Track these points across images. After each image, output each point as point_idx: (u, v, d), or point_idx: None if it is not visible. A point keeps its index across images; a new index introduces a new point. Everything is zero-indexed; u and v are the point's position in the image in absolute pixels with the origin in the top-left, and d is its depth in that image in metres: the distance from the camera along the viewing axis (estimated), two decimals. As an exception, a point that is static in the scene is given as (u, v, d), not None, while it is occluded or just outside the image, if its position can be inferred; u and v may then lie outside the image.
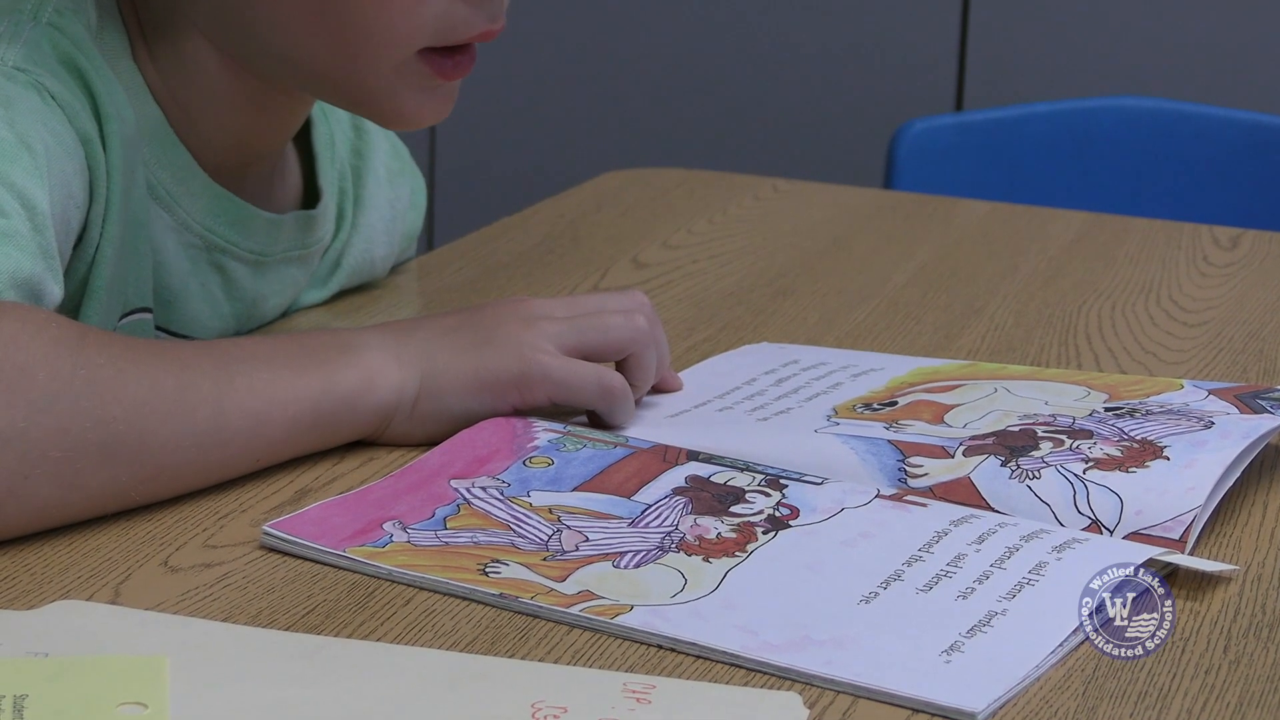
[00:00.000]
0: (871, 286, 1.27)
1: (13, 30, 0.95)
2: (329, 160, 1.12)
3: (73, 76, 0.96)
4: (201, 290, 1.05)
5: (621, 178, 1.56)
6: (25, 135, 0.90)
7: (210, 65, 1.01)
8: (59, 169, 0.92)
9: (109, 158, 0.96)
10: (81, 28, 0.98)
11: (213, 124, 1.02)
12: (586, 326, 0.95)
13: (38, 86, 0.93)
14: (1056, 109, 2.00)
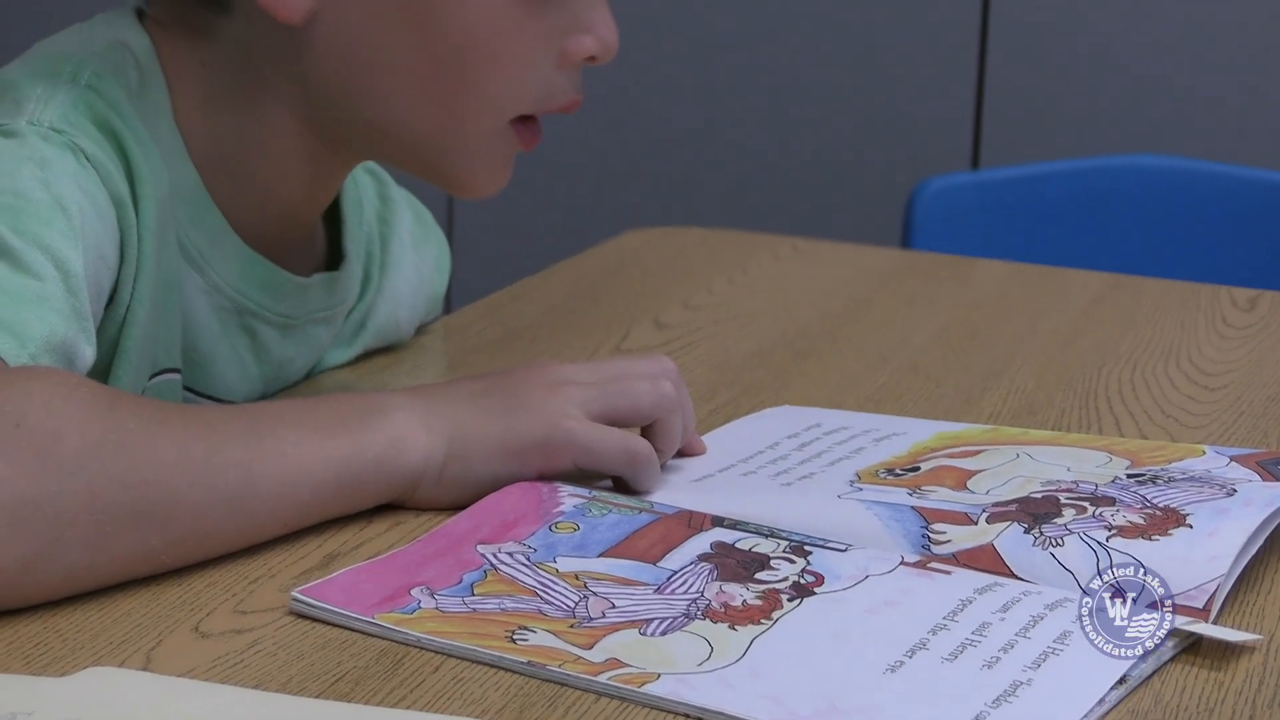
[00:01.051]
0: (892, 348, 1.28)
1: (51, 92, 0.97)
2: (357, 224, 1.13)
3: (108, 138, 0.97)
4: (231, 352, 1.06)
5: (641, 237, 1.57)
6: (60, 197, 0.92)
7: (282, 130, 1.02)
8: (92, 231, 0.93)
9: (141, 220, 0.97)
10: (120, 89, 0.99)
11: (262, 187, 1.04)
12: (613, 392, 0.96)
13: (73, 148, 0.95)
14: (1074, 167, 2.01)
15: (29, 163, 0.93)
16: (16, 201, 0.91)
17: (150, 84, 1.01)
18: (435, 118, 1.01)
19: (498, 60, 1.00)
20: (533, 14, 1.00)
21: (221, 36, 1.02)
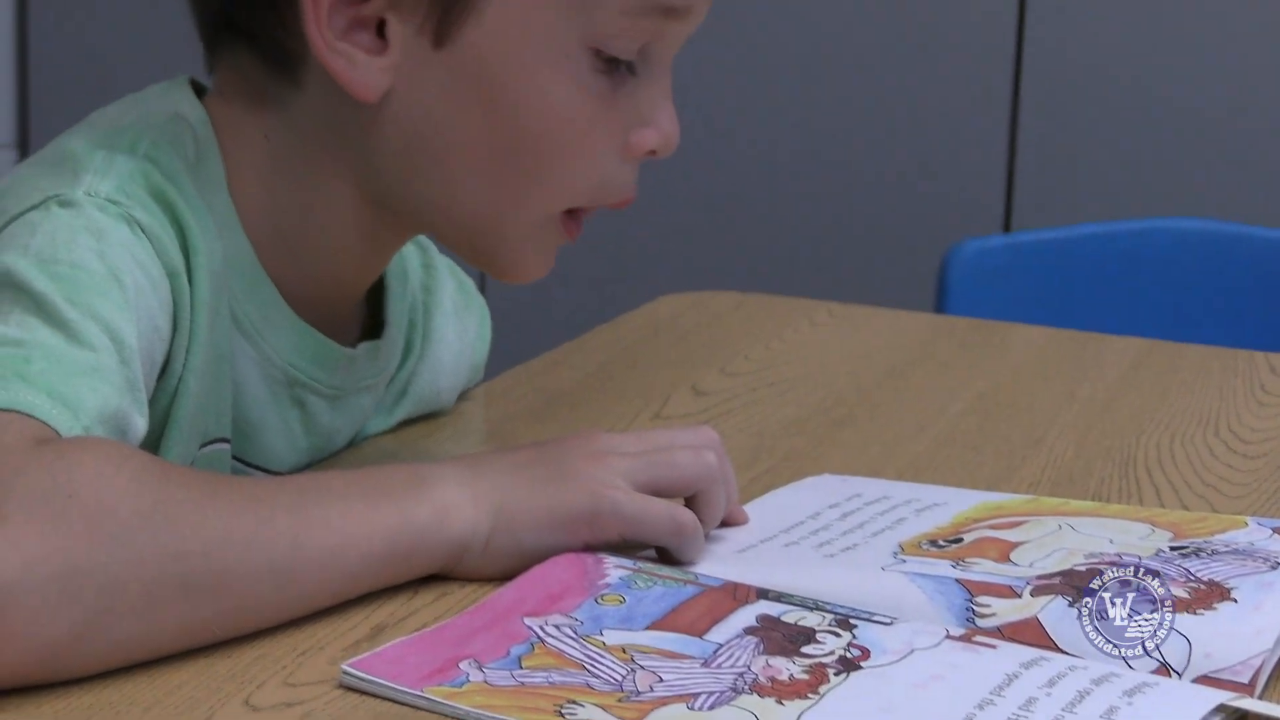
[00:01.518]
0: (930, 415, 1.28)
1: (108, 163, 0.98)
2: (400, 292, 1.14)
3: (163, 209, 0.98)
4: (280, 423, 1.07)
5: (678, 301, 1.57)
6: (115, 268, 0.93)
7: (341, 203, 1.03)
8: (146, 302, 0.94)
9: (195, 291, 0.98)
10: (177, 160, 1.00)
11: (316, 259, 1.05)
12: (658, 463, 0.96)
13: (128, 219, 0.96)
14: (1107, 230, 2.01)
15: (85, 233, 0.94)
16: (72, 272, 0.91)
17: (206, 156, 1.02)
18: (495, 202, 1.02)
19: (566, 150, 1.01)
20: (604, 106, 1.01)
21: (289, 109, 1.03)
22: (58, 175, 0.97)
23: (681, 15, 1.03)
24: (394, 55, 1.00)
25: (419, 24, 0.99)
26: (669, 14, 1.02)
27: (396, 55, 1.00)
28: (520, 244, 1.04)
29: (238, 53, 1.04)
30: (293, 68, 1.02)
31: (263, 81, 1.03)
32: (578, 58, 1.00)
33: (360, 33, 1.00)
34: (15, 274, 0.91)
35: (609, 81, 1.01)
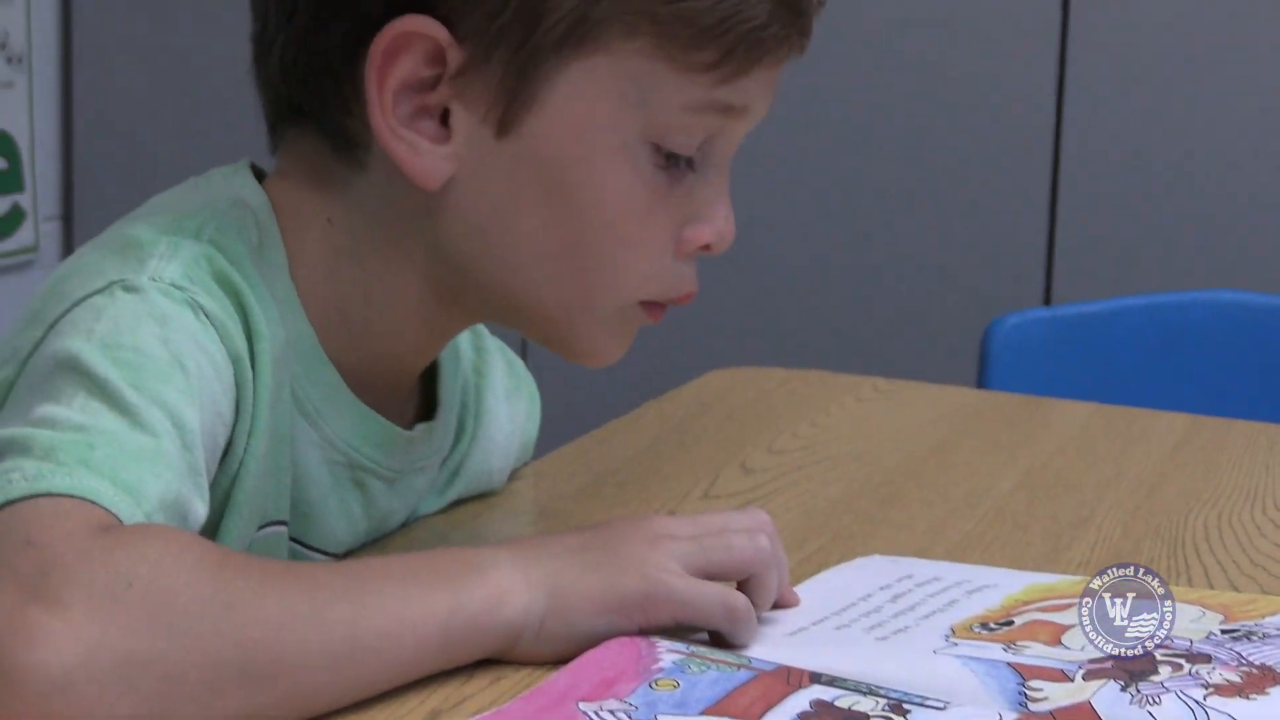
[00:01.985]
0: (977, 494, 1.29)
1: (173, 248, 0.99)
2: (453, 373, 1.15)
3: (228, 294, 0.99)
4: (340, 506, 1.07)
5: (724, 377, 1.58)
6: (179, 354, 0.94)
7: (403, 288, 1.05)
8: (209, 387, 0.95)
9: (258, 376, 0.99)
10: (241, 245, 1.01)
11: (377, 342, 1.06)
12: (711, 546, 0.97)
13: (193, 305, 0.97)
14: (1147, 302, 2.01)
15: (150, 319, 0.95)
16: (137, 358, 0.93)
17: (268, 241, 1.03)
18: (561, 292, 1.03)
19: (626, 242, 1.02)
20: (662, 199, 1.03)
21: (353, 192, 1.04)
22: (122, 260, 0.99)
23: (740, 114, 1.04)
24: (457, 143, 1.01)
25: (483, 113, 1.01)
26: (728, 112, 1.03)
27: (460, 144, 1.01)
28: (590, 331, 1.05)
29: (303, 135, 1.05)
30: (357, 152, 1.03)
31: (327, 165, 1.04)
32: (637, 151, 1.01)
33: (425, 120, 1.01)
34: (80, 359, 0.92)
35: (667, 176, 1.03)
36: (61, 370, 0.92)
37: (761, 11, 1.02)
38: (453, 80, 1.00)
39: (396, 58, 1.00)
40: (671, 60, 1.01)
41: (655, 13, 1.00)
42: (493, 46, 0.99)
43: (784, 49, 1.04)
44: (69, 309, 0.96)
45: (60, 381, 0.92)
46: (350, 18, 1.01)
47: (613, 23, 1.00)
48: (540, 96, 1.00)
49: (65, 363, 0.92)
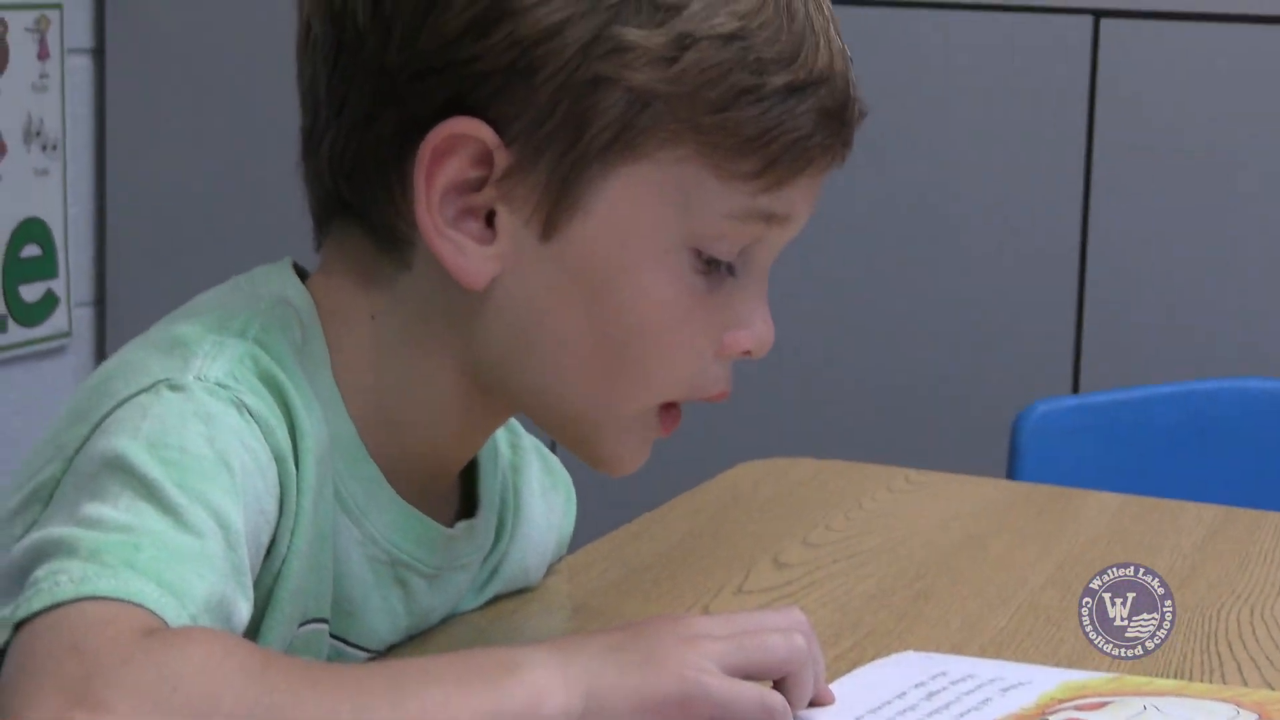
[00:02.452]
0: (1010, 588, 1.29)
1: (218, 347, 1.00)
2: (492, 472, 1.16)
3: (272, 393, 1.00)
4: (382, 603, 1.08)
5: (756, 469, 1.59)
6: (224, 453, 0.95)
7: (444, 385, 1.06)
8: (253, 487, 0.96)
9: (301, 474, 1.00)
10: (286, 344, 1.03)
11: (418, 439, 1.07)
12: (748, 647, 0.97)
13: (238, 404, 0.98)
14: (1177, 391, 2.02)
15: (195, 418, 0.96)
16: (182, 457, 0.94)
17: (311, 339, 1.04)
18: (593, 393, 1.04)
19: (663, 347, 1.03)
20: (701, 304, 1.04)
21: (397, 289, 1.05)
22: (168, 358, 1.00)
23: (783, 222, 1.05)
24: (502, 245, 1.02)
25: (527, 216, 1.02)
26: (771, 220, 1.04)
27: (504, 245, 1.02)
28: (617, 436, 1.06)
29: (348, 231, 1.06)
30: (402, 250, 1.04)
31: (372, 261, 1.06)
32: (679, 256, 1.03)
33: (470, 221, 1.02)
34: (126, 458, 0.93)
35: (707, 281, 1.04)
36: (108, 469, 0.93)
37: (806, 122, 1.03)
38: (499, 182, 1.02)
39: (445, 158, 1.01)
40: (715, 169, 1.02)
41: (700, 122, 1.01)
42: (540, 151, 1.01)
43: (827, 158, 1.05)
44: (115, 407, 0.98)
45: (106, 480, 0.93)
46: (400, 116, 1.02)
47: (658, 131, 1.01)
48: (585, 202, 1.01)
49: (111, 462, 0.93)
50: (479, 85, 1.01)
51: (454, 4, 1.01)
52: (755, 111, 1.02)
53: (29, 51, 2.71)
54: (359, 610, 1.07)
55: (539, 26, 1.00)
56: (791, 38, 1.03)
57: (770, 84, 1.02)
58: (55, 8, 2.75)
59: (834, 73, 1.04)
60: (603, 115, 1.00)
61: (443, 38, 1.01)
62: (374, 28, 1.02)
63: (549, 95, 1.00)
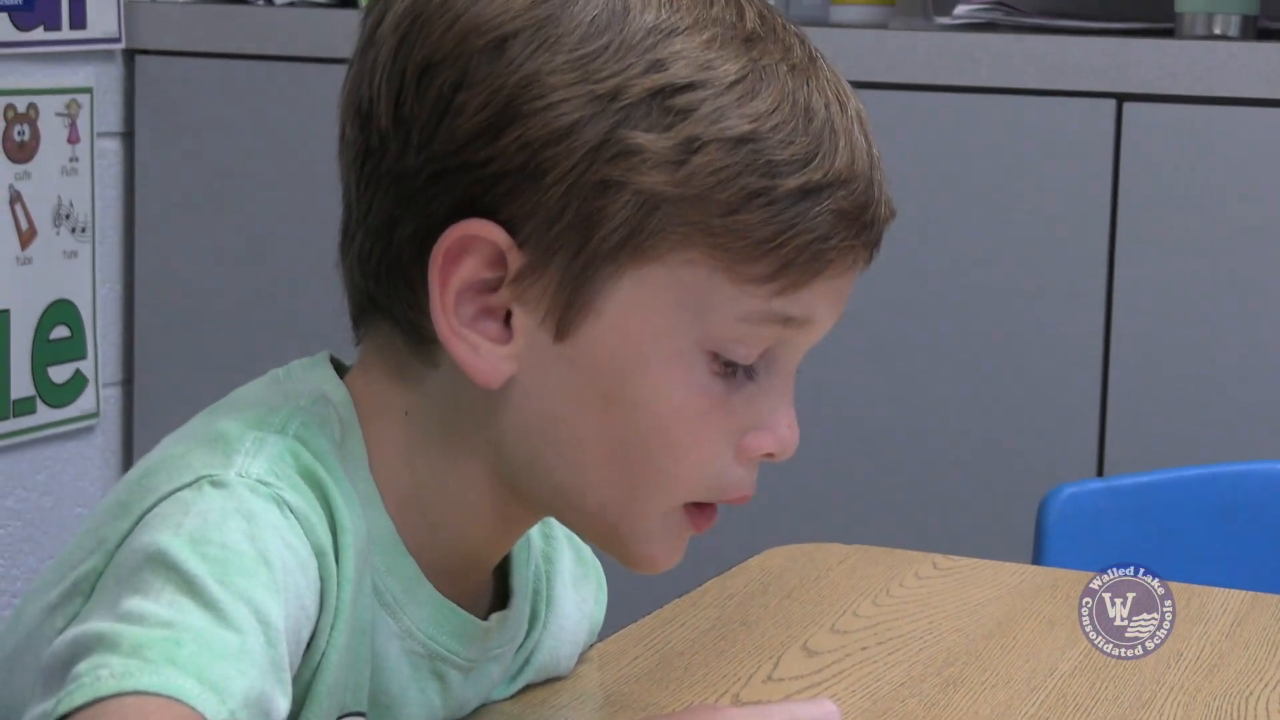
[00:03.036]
0: (1039, 676, 1.30)
1: (259, 444, 1.02)
2: (524, 561, 1.17)
3: (312, 489, 1.01)
4: (420, 696, 1.09)
5: (784, 554, 1.59)
6: (265, 550, 0.96)
7: (476, 482, 1.07)
8: (294, 583, 0.97)
9: (341, 569, 1.01)
10: (325, 440, 1.04)
11: (454, 535, 1.08)
12: (781, 738, 0.98)
13: (278, 501, 0.99)
14: (1203, 474, 2.02)
15: (237, 515, 0.97)
16: (224, 554, 0.95)
17: (350, 435, 1.06)
18: (613, 494, 1.05)
19: (678, 449, 1.04)
20: (718, 406, 1.04)
21: (427, 388, 1.06)
22: (210, 454, 1.01)
23: (802, 325, 1.05)
24: (518, 345, 1.03)
25: (541, 317, 1.03)
26: (789, 323, 1.04)
27: (520, 345, 1.03)
28: (644, 536, 1.06)
29: (381, 329, 1.08)
30: (429, 348, 1.06)
31: (404, 359, 1.07)
32: (693, 358, 1.03)
33: (489, 321, 1.03)
34: (168, 553, 0.94)
35: (725, 383, 1.04)
36: (150, 564, 0.94)
37: (822, 225, 1.03)
38: (513, 283, 1.03)
39: (459, 260, 1.02)
40: (728, 272, 1.02)
41: (710, 225, 1.01)
42: (551, 252, 1.02)
43: (848, 260, 1.05)
44: (157, 501, 0.99)
45: (149, 575, 0.94)
46: (418, 217, 1.04)
47: (668, 234, 1.01)
48: (597, 303, 1.02)
49: (154, 557, 0.95)
50: (492, 187, 1.02)
51: (466, 107, 1.02)
52: (766, 215, 1.01)
53: (59, 135, 2.74)
54: (396, 703, 1.08)
55: (548, 129, 1.01)
56: (808, 139, 1.02)
57: (782, 187, 1.02)
58: (85, 92, 2.78)
59: (854, 173, 1.04)
60: (612, 218, 1.01)
61: (456, 141, 1.02)
62: (395, 132, 1.04)
63: (558, 197, 1.01)
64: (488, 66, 1.02)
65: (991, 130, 2.51)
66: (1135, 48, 2.44)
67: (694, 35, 1.02)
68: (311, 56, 2.75)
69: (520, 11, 1.02)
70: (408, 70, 1.03)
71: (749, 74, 1.02)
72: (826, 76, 1.06)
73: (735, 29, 1.04)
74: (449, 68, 1.02)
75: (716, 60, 1.02)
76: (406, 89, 1.03)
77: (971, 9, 2.67)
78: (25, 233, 2.69)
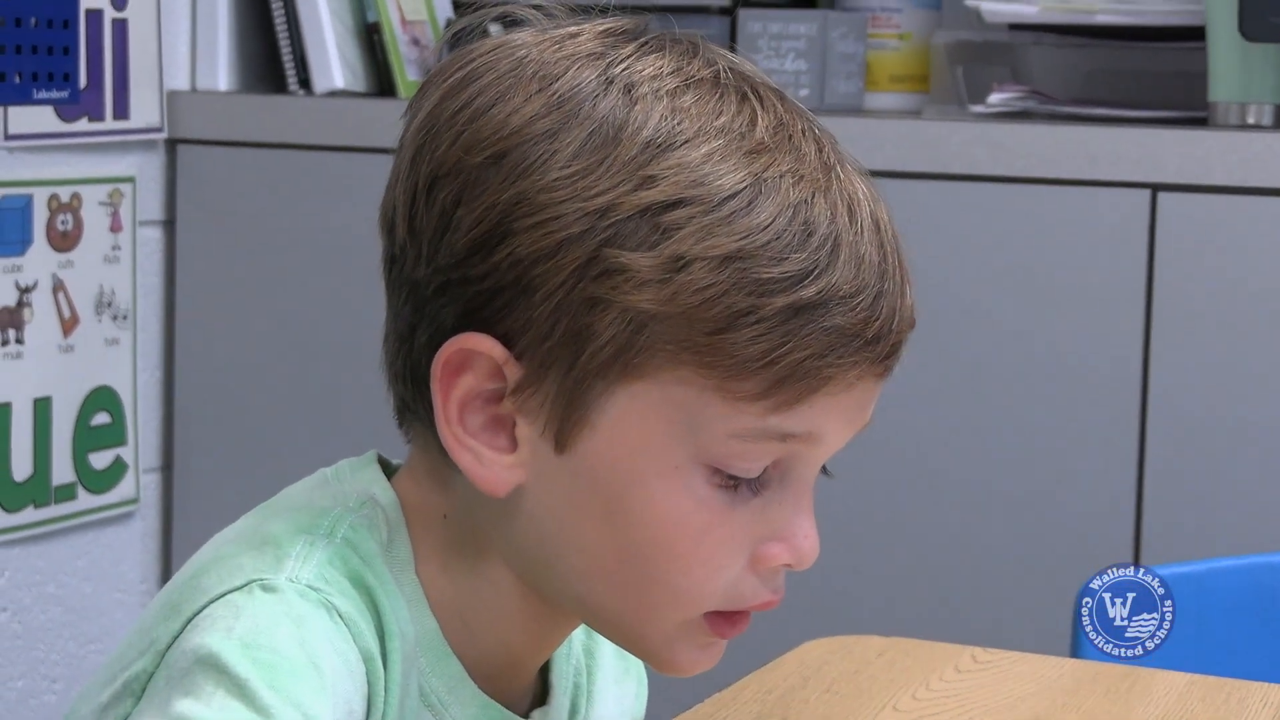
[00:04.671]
0: (1080, 772, 1.30)
1: (309, 548, 1.03)
2: (565, 658, 1.18)
3: (360, 594, 1.03)
4: None
5: (822, 647, 1.60)
6: (314, 655, 0.97)
7: (507, 588, 1.08)
8: (342, 687, 0.98)
9: (388, 673, 1.02)
10: (374, 544, 1.05)
11: (493, 638, 1.09)
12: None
13: (328, 606, 1.00)
14: (1241, 564, 2.02)
15: (287, 620, 0.98)
16: (274, 658, 0.96)
17: (396, 538, 1.07)
18: (626, 604, 1.05)
19: (684, 561, 1.04)
20: (722, 520, 1.04)
21: (459, 492, 1.08)
22: (260, 556, 1.02)
23: (806, 440, 1.04)
24: (522, 454, 1.04)
25: (542, 428, 1.04)
26: (789, 439, 1.03)
27: (525, 454, 1.04)
28: (664, 644, 1.07)
29: (419, 432, 1.09)
30: None
31: (440, 463, 1.08)
32: (690, 472, 1.03)
33: (498, 431, 1.04)
34: (219, 656, 0.95)
35: (729, 496, 1.03)
36: (200, 666, 0.96)
37: (815, 342, 1.01)
38: (513, 394, 1.03)
39: (460, 371, 1.04)
40: (718, 389, 1.01)
41: (697, 343, 1.01)
42: (546, 366, 1.02)
43: (852, 375, 1.03)
44: (208, 604, 1.00)
45: (200, 678, 0.95)
46: (430, 326, 1.05)
47: (656, 351, 1.01)
48: (591, 417, 1.02)
49: (204, 659, 0.96)
50: (488, 301, 1.03)
51: (463, 223, 1.02)
52: (754, 333, 1.00)
53: (102, 224, 2.76)
54: None
55: (536, 247, 1.01)
56: (803, 254, 1.01)
57: (770, 305, 1.00)
58: (128, 181, 2.81)
59: (858, 289, 1.02)
60: (600, 335, 1.01)
61: (455, 255, 1.03)
62: (410, 241, 1.05)
63: (549, 314, 1.02)
64: (484, 181, 1.02)
65: (1026, 220, 2.52)
66: (1169, 138, 2.45)
67: (694, 148, 1.02)
68: (351, 146, 2.78)
69: (520, 126, 1.02)
70: (419, 181, 1.05)
71: (745, 188, 1.01)
72: (843, 186, 1.04)
73: (743, 139, 1.03)
74: (451, 181, 1.03)
75: (712, 175, 1.01)
76: (418, 200, 1.04)
77: (1005, 97, 2.69)
78: (68, 320, 2.72)
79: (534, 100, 1.03)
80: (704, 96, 1.03)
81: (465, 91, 1.04)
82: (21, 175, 2.63)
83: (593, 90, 1.03)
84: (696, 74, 1.04)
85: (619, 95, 1.03)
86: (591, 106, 1.02)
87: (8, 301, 2.62)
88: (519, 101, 1.03)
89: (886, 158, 2.57)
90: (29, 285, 2.65)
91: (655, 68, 1.04)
